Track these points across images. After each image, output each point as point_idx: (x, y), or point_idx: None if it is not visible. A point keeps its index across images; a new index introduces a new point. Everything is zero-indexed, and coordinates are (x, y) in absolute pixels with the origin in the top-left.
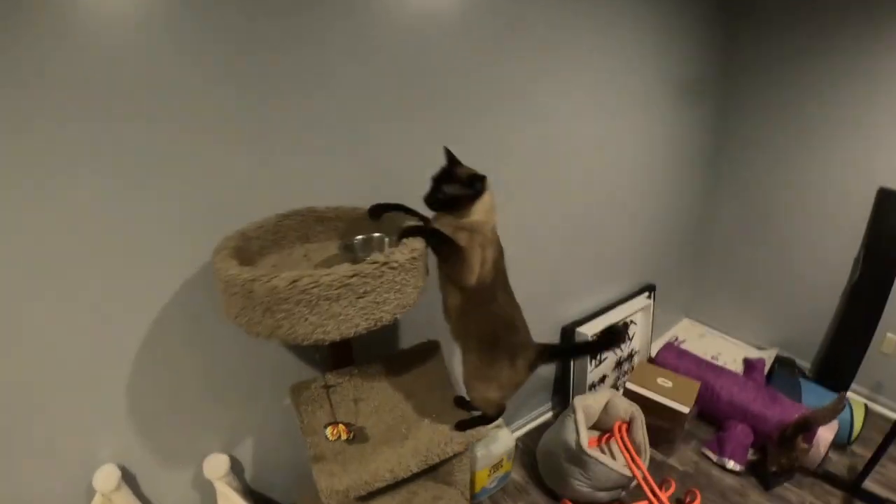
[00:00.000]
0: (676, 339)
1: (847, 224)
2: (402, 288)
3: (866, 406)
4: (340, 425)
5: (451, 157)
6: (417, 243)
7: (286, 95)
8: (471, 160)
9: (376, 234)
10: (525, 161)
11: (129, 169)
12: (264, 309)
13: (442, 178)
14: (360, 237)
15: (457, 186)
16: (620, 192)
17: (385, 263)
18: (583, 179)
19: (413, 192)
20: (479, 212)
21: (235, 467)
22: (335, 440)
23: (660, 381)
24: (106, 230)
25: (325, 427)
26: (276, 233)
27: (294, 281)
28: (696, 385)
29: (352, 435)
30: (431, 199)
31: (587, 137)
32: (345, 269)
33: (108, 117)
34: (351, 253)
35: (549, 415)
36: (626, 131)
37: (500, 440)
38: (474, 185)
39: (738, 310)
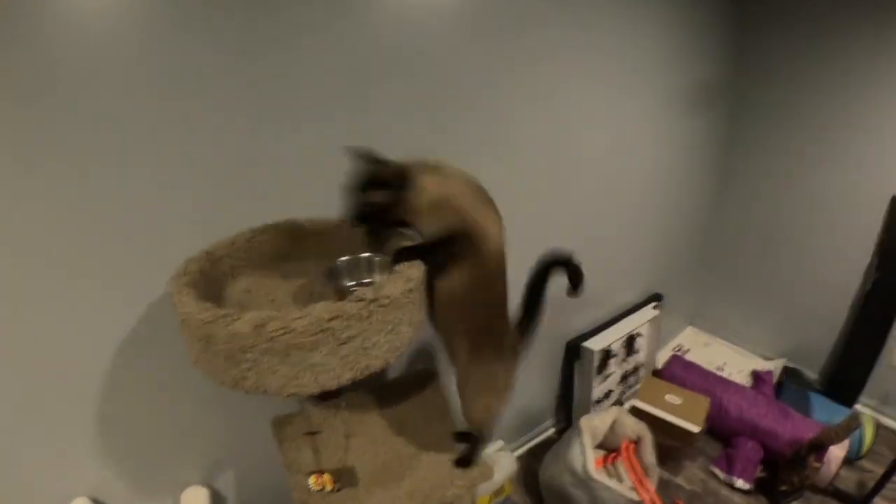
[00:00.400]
0: (680, 348)
1: (858, 232)
2: (395, 328)
3: (875, 420)
4: (325, 475)
5: (368, 157)
6: (415, 270)
7: (275, 91)
8: (475, 168)
9: (364, 255)
10: (530, 169)
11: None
12: (226, 356)
13: (362, 186)
14: (344, 259)
15: (380, 192)
16: (627, 198)
17: (374, 301)
18: (589, 187)
19: None
20: (427, 193)
21: (216, 501)
22: (319, 490)
23: (668, 397)
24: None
25: (309, 476)
26: (250, 250)
27: (259, 325)
28: (706, 402)
29: (338, 487)
30: (356, 215)
31: (595, 145)
32: (322, 309)
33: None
34: (335, 279)
35: (552, 431)
36: (635, 138)
37: (502, 464)
38: (400, 182)
39: (745, 318)
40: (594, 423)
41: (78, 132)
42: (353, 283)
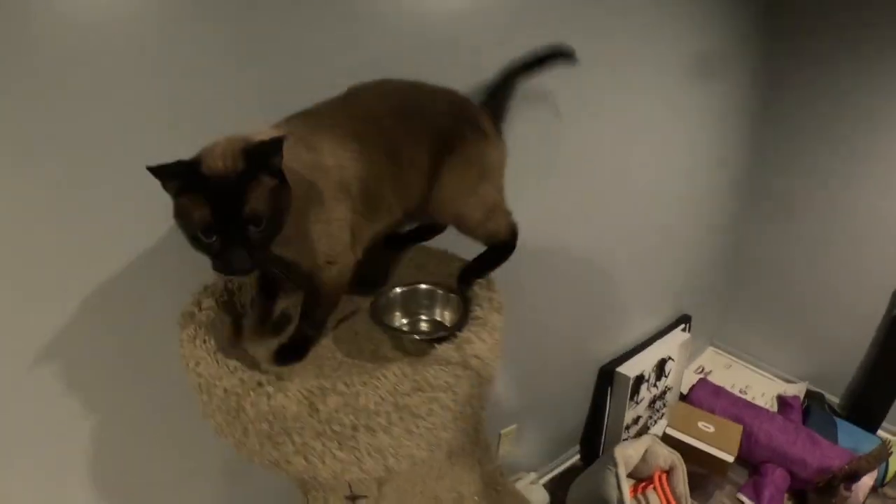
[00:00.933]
0: (702, 369)
1: (885, 257)
2: (480, 390)
3: None
4: None
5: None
6: (496, 315)
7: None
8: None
9: (423, 286)
10: (562, 188)
11: None
12: (263, 436)
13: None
14: (399, 289)
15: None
16: (656, 217)
17: (461, 363)
18: (623, 205)
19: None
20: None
21: None
22: None
23: (701, 425)
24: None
25: None
26: None
27: (310, 402)
28: (739, 429)
29: None
30: (241, 266)
31: (629, 164)
32: (395, 377)
33: None
34: (386, 315)
35: (577, 458)
36: (664, 155)
37: (534, 499)
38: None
39: (768, 339)
40: (628, 453)
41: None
42: (409, 320)
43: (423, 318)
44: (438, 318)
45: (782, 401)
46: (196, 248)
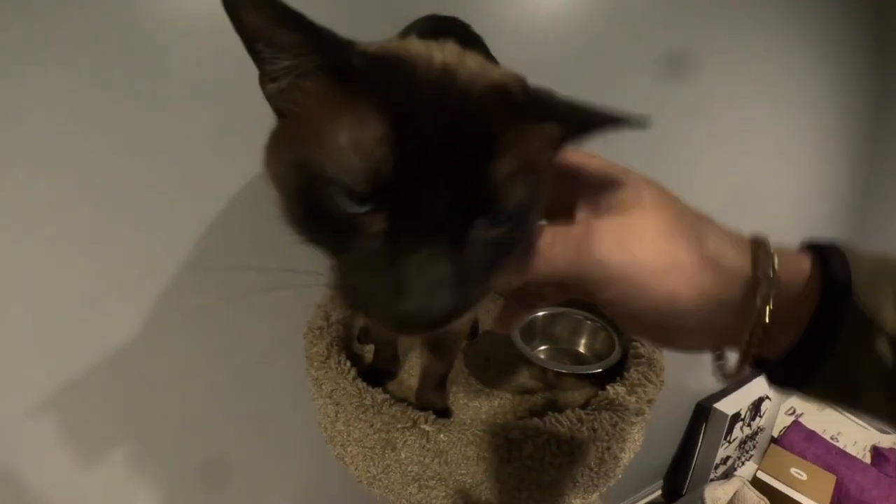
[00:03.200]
0: (793, 411)
1: None
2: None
3: None
4: None
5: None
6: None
7: None
8: None
9: (570, 312)
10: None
11: None
12: (411, 477)
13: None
14: (542, 312)
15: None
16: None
17: (637, 411)
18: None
19: None
20: None
21: None
22: None
23: (793, 471)
24: None
25: None
26: None
27: (482, 453)
28: (832, 479)
29: None
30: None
31: (737, 179)
32: (571, 421)
33: None
34: (526, 340)
35: (658, 493)
36: (774, 176)
37: None
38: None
39: None
40: (717, 494)
41: None
42: (546, 347)
43: (564, 347)
44: (582, 350)
45: (877, 452)
46: (302, 226)
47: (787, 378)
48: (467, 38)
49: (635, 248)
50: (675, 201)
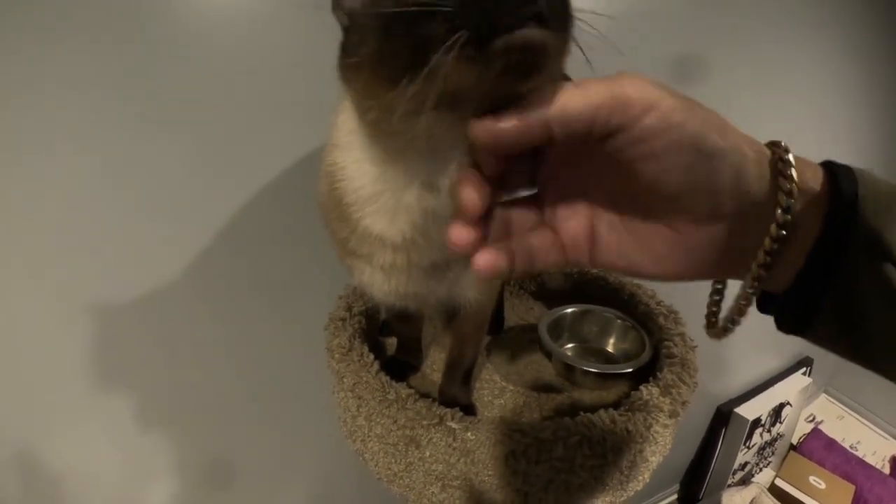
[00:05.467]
0: (813, 418)
1: None
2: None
3: None
4: None
5: None
6: (682, 325)
7: None
8: None
9: (599, 310)
10: None
11: None
12: (434, 476)
13: None
14: (571, 309)
15: None
16: None
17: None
18: None
19: None
20: None
21: None
22: None
23: (812, 479)
24: None
25: None
26: None
27: (515, 452)
28: (851, 489)
29: None
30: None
31: None
32: (605, 423)
33: None
34: (553, 337)
35: (674, 497)
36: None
37: None
38: None
39: (884, 392)
40: (734, 501)
41: None
42: (573, 345)
43: (592, 346)
44: (610, 350)
45: None
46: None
47: (792, 314)
48: None
49: (665, 91)
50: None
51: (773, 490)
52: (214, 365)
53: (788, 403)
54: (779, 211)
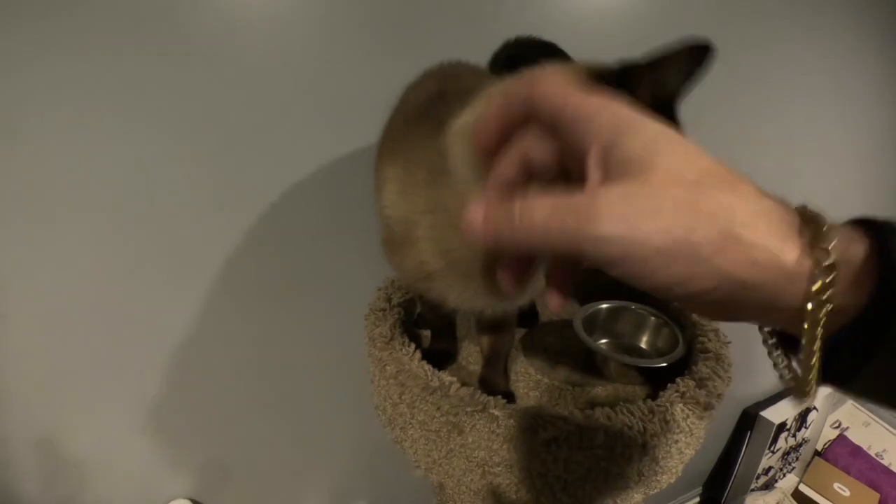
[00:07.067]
0: (839, 424)
1: None
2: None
3: None
4: None
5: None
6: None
7: None
8: None
9: (634, 307)
10: None
11: None
12: (475, 463)
13: None
14: (605, 305)
15: None
16: None
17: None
18: None
19: None
20: None
21: None
22: None
23: (836, 486)
24: None
25: None
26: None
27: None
28: (876, 497)
29: None
30: None
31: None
32: (643, 412)
33: None
34: (588, 332)
35: (696, 500)
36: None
37: None
38: None
39: None
40: None
41: None
42: (607, 341)
43: (625, 342)
44: (643, 346)
45: None
46: None
47: (831, 371)
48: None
49: (642, 223)
50: (698, 160)
51: (797, 496)
52: (238, 359)
53: (815, 408)
54: (824, 307)
